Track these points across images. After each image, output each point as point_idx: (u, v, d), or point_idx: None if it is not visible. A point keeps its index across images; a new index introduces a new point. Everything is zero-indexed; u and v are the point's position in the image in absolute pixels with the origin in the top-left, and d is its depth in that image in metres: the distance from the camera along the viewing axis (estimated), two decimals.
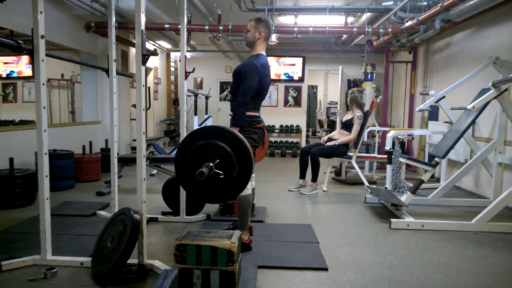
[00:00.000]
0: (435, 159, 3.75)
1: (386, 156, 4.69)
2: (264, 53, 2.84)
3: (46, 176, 2.36)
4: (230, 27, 5.89)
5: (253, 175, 2.93)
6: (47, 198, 2.38)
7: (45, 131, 2.33)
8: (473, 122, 3.85)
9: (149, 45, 8.28)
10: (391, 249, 2.88)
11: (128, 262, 2.25)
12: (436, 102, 4.35)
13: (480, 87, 4.06)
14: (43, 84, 2.30)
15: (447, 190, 4.15)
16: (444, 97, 4.33)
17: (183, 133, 3.39)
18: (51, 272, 2.27)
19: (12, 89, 7.02)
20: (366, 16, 5.85)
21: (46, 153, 2.34)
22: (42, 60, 2.29)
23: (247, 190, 2.69)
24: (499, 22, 4.44)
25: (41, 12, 2.24)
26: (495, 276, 2.45)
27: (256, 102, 2.81)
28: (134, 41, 2.31)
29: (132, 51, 7.36)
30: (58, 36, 5.36)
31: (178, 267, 2.09)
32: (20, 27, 4.51)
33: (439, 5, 4.36)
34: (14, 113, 6.74)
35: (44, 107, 2.31)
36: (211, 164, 2.08)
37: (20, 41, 2.22)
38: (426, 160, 5.39)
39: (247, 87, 2.65)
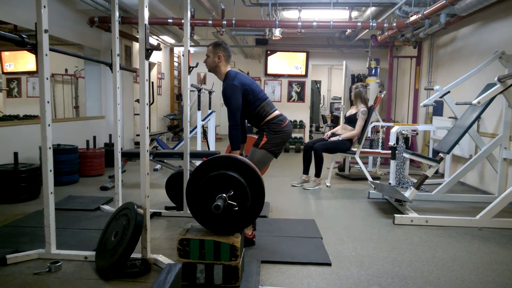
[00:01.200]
0: (440, 154, 3.73)
1: (390, 151, 4.67)
2: (229, 68, 2.91)
3: (50, 171, 2.37)
4: (233, 21, 5.86)
5: None
6: (51, 193, 2.39)
7: (49, 125, 2.33)
8: (478, 117, 3.83)
9: (153, 40, 8.27)
10: (395, 245, 2.88)
11: (131, 256, 2.26)
12: (441, 97, 4.32)
13: (485, 82, 4.02)
14: (47, 78, 2.30)
15: (451, 186, 4.13)
16: (449, 92, 4.30)
17: (187, 128, 3.38)
18: (56, 265, 2.28)
19: (16, 84, 7.05)
20: (371, 10, 5.81)
21: (50, 148, 2.35)
22: (46, 55, 2.28)
23: None
24: (505, 16, 4.39)
25: (44, 7, 2.24)
26: (500, 272, 2.44)
27: (265, 105, 2.89)
28: (138, 36, 2.30)
29: (136, 46, 7.35)
30: (61, 31, 5.36)
31: (182, 262, 2.10)
32: (23, 22, 4.51)
33: None
34: (19, 108, 6.76)
35: (48, 102, 2.31)
36: (224, 195, 2.08)
37: (23, 35, 2.22)
38: (430, 156, 5.36)
39: (233, 109, 2.75)
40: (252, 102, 2.84)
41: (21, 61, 6.95)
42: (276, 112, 2.93)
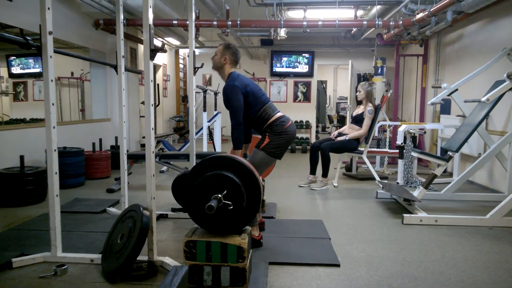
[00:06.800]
0: (448, 153, 3.68)
1: (397, 151, 4.62)
2: (234, 70, 2.92)
3: (56, 173, 2.36)
4: (238, 22, 5.85)
5: None
6: (56, 195, 2.38)
7: (54, 127, 2.32)
8: (487, 115, 3.77)
9: (158, 42, 8.29)
10: (404, 245, 2.84)
11: (138, 258, 2.24)
12: (449, 95, 4.27)
13: (494, 79, 3.97)
14: (52, 80, 2.30)
15: (460, 185, 4.07)
16: (457, 90, 4.25)
17: (193, 130, 3.37)
18: (61, 269, 2.27)
19: (23, 88, 7.09)
20: (376, 8, 5.77)
21: (55, 150, 2.34)
22: (50, 57, 2.28)
23: None
24: None
25: (48, 8, 2.23)
26: None
27: (267, 108, 2.88)
28: (143, 38, 2.29)
29: (141, 48, 7.37)
30: (67, 34, 5.38)
31: (188, 264, 2.08)
32: (29, 25, 4.53)
33: None
34: (25, 112, 6.80)
35: (53, 104, 2.31)
36: (219, 195, 2.06)
37: (27, 38, 2.21)
38: (439, 155, 5.30)
39: (234, 108, 2.77)
40: (253, 104, 2.83)
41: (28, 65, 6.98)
42: (279, 114, 2.89)
